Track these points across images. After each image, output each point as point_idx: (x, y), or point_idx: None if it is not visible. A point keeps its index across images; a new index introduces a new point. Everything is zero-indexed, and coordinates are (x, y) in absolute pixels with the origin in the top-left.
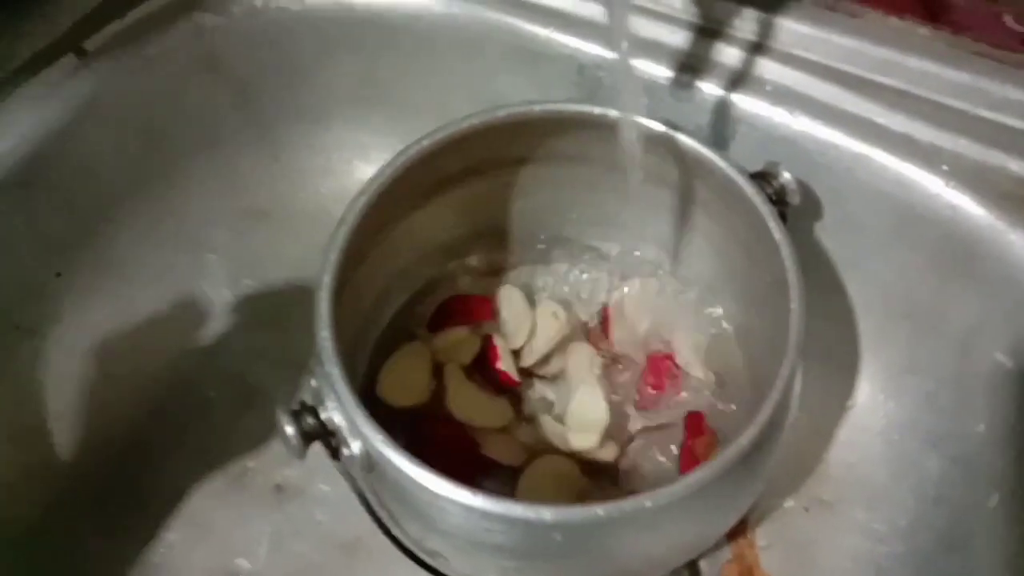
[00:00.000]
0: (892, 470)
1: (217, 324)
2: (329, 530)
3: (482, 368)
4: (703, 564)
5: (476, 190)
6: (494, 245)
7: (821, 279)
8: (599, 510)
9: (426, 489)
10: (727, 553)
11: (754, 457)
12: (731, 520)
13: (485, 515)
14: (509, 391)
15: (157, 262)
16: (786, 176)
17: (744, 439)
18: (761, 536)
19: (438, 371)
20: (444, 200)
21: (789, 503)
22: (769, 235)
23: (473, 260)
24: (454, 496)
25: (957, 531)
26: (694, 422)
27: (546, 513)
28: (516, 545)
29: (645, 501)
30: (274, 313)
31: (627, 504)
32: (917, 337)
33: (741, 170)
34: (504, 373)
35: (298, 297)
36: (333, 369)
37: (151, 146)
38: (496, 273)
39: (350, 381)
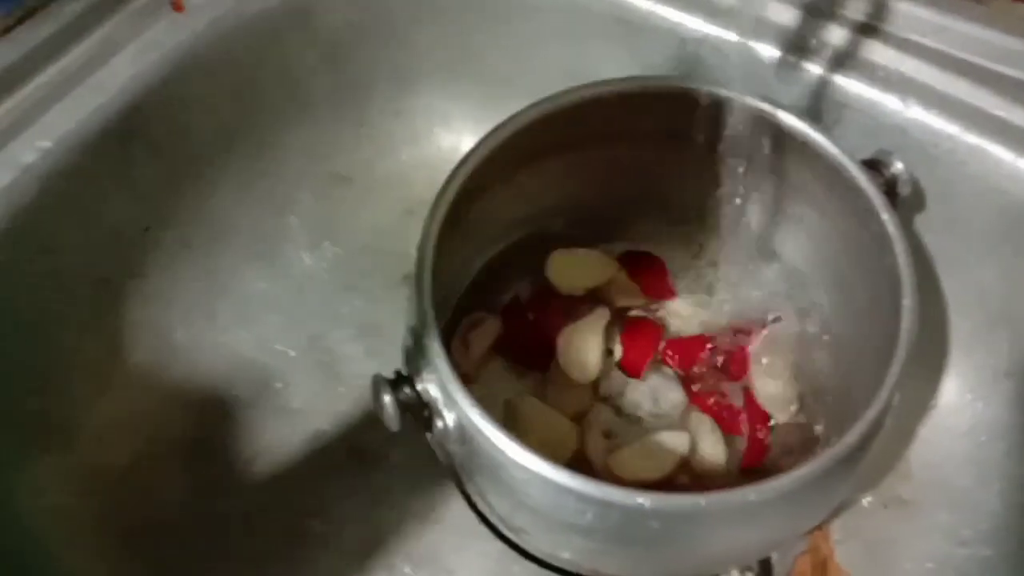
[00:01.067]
0: (978, 473)
1: (298, 286)
2: (403, 498)
3: None
4: (775, 554)
5: (571, 165)
6: (583, 222)
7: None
8: (701, 500)
9: (520, 466)
10: (802, 544)
11: (856, 455)
12: (822, 516)
13: (580, 497)
14: None
15: (243, 222)
16: (898, 166)
17: (851, 436)
18: (837, 530)
19: None
20: (536, 173)
21: (868, 499)
22: (879, 227)
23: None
24: (548, 475)
25: None
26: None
27: (644, 500)
28: (607, 529)
29: (750, 494)
30: (353, 278)
31: (732, 496)
32: (1014, 341)
33: (852, 156)
34: None
35: (377, 262)
36: (432, 342)
37: (243, 105)
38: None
39: (448, 356)
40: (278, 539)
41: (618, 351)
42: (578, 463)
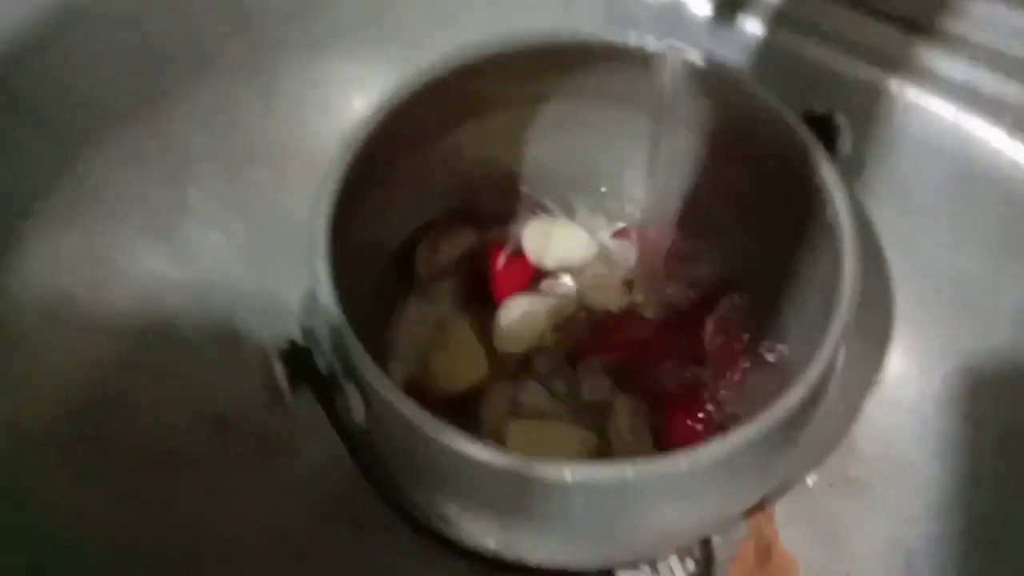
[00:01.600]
0: (926, 448)
1: (201, 266)
2: (315, 491)
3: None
4: (717, 540)
5: (489, 129)
6: (506, 191)
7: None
8: (628, 470)
9: (431, 439)
10: (743, 529)
11: (799, 419)
12: (762, 490)
13: (496, 473)
14: None
15: (140, 195)
16: (840, 119)
17: (792, 397)
18: (781, 513)
19: None
20: (452, 140)
21: (812, 479)
22: (818, 181)
23: (483, 206)
24: (464, 448)
25: (999, 515)
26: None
27: (567, 473)
28: (528, 508)
29: (680, 462)
30: (263, 257)
31: (661, 465)
32: (963, 310)
33: (788, 109)
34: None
35: (287, 240)
36: (329, 303)
37: (143, 65)
38: (505, 222)
39: (350, 321)
40: (172, 539)
41: None
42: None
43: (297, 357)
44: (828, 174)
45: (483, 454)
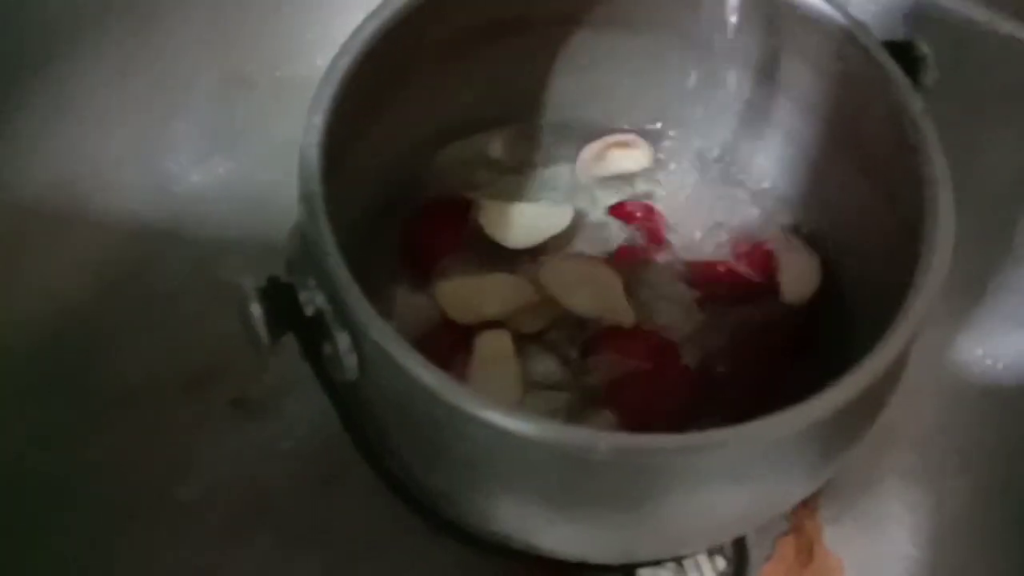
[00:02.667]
0: (990, 439)
1: (184, 204)
2: (297, 458)
3: None
4: (752, 534)
5: (502, 57)
6: (522, 131)
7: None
8: (669, 441)
9: (433, 396)
10: (783, 524)
11: (878, 391)
12: (823, 478)
13: (512, 439)
14: None
15: (118, 120)
16: (923, 48)
17: (878, 360)
18: (827, 507)
19: None
20: (461, 67)
21: (862, 468)
22: (902, 121)
23: (495, 149)
24: (480, 411)
25: None
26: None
27: (600, 440)
28: (547, 484)
29: (733, 436)
30: (250, 197)
31: (714, 437)
32: None
33: (868, 32)
34: None
35: (278, 180)
36: (323, 233)
37: None
38: (519, 170)
39: (343, 255)
40: (132, 508)
41: None
42: None
43: (279, 297)
44: (917, 111)
45: (499, 417)
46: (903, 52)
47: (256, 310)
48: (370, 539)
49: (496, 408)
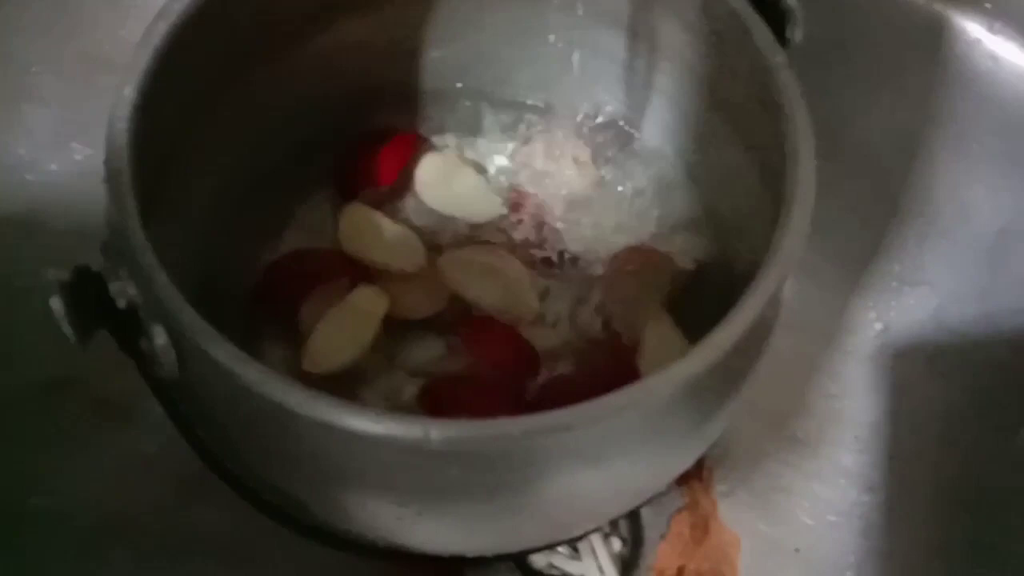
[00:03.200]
0: (886, 404)
1: (35, 194)
2: (162, 462)
3: None
4: (646, 513)
5: (375, 25)
6: (399, 105)
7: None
8: (513, 427)
9: (249, 389)
10: (677, 501)
11: (743, 354)
12: (694, 452)
13: (344, 433)
14: None
15: None
16: (790, 3)
17: (736, 323)
18: (720, 480)
19: None
20: (331, 37)
21: (755, 442)
22: (765, 79)
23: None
24: (289, 400)
25: (969, 476)
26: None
27: (429, 429)
28: (389, 478)
29: (580, 414)
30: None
31: (553, 418)
32: (928, 239)
33: None
34: None
35: None
36: (128, 213)
37: None
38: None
39: (151, 241)
40: None
41: None
42: None
43: (87, 289)
44: (776, 62)
45: (319, 409)
46: (769, 6)
47: (56, 304)
48: (238, 549)
49: (320, 402)
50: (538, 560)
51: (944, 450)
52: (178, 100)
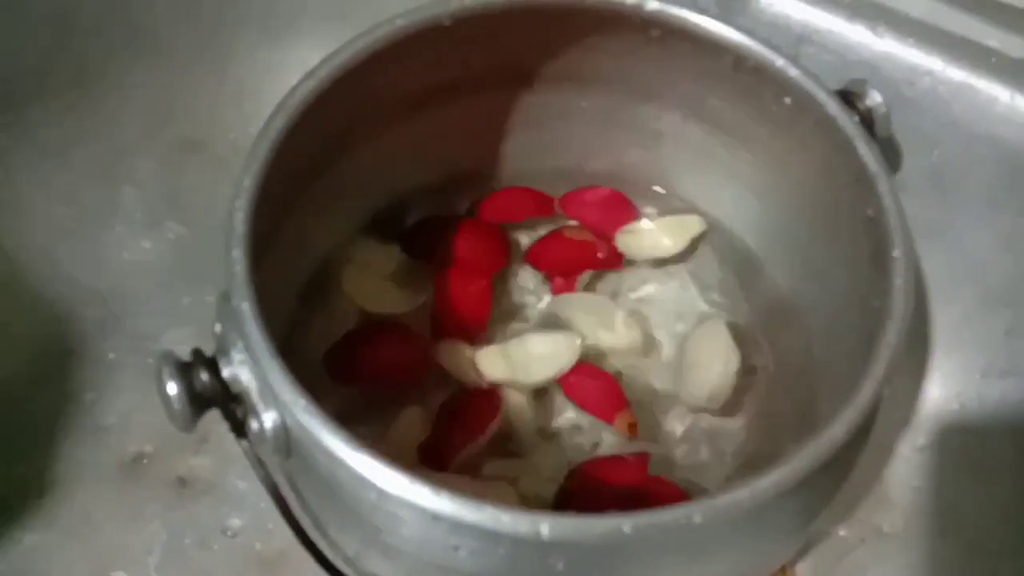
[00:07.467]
0: (975, 492)
1: (128, 273)
2: (244, 539)
3: None
4: None
5: (452, 117)
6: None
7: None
8: (625, 524)
9: (363, 479)
10: None
11: (843, 457)
12: (791, 550)
13: (452, 524)
14: None
15: (62, 189)
16: (875, 97)
17: (838, 427)
18: (804, 573)
19: None
20: (408, 129)
21: (840, 532)
22: (858, 170)
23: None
24: (403, 492)
25: None
26: None
27: (542, 526)
28: (491, 570)
29: (694, 513)
30: (200, 264)
31: (668, 515)
32: (1014, 330)
33: (819, 81)
34: None
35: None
36: (243, 304)
37: (68, 39)
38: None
39: (267, 326)
40: None
41: None
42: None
43: (200, 371)
44: (870, 158)
45: (432, 500)
46: (852, 100)
47: (174, 387)
48: None
49: (418, 484)
50: None
51: None
52: (282, 186)
